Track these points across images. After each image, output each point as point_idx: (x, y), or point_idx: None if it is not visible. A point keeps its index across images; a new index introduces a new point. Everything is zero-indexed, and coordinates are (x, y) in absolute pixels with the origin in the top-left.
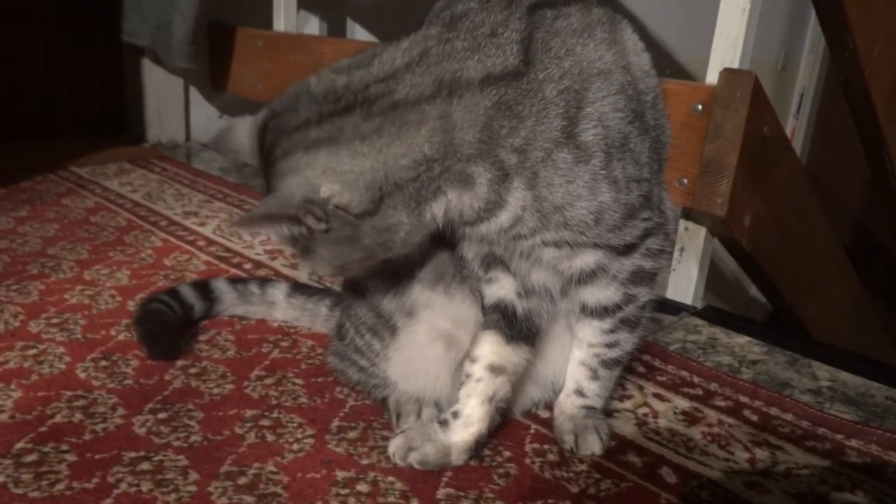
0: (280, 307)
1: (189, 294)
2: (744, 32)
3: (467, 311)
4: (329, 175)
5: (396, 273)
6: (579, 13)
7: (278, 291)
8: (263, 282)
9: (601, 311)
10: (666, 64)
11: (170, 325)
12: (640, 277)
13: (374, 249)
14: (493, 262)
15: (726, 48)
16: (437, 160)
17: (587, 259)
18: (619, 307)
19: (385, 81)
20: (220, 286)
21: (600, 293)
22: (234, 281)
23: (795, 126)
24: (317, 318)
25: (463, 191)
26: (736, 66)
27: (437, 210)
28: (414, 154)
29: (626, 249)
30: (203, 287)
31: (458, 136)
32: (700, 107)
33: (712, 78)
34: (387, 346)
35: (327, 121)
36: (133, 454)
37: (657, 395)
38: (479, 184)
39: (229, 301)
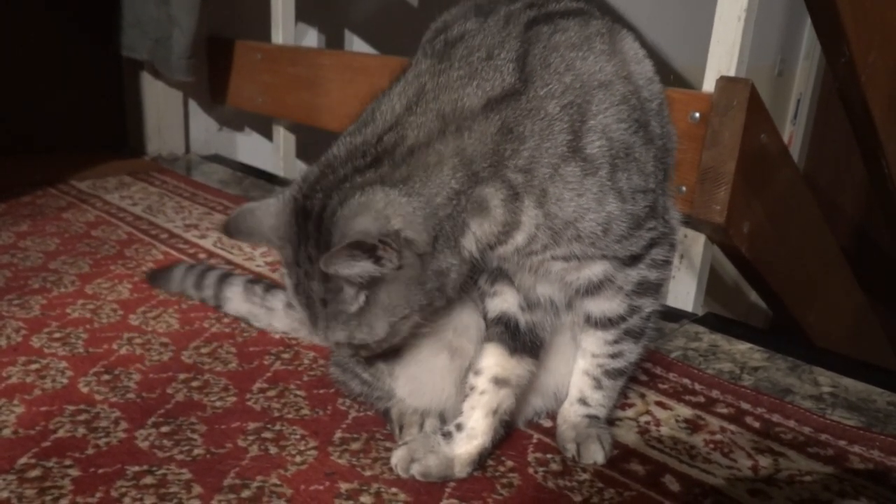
0: (278, 316)
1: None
2: (740, 40)
3: (468, 319)
4: (393, 207)
5: None
6: (577, 26)
7: (278, 301)
8: (268, 287)
9: (605, 322)
10: (662, 71)
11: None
12: (645, 288)
13: (434, 295)
14: (498, 275)
15: (722, 56)
16: (463, 192)
17: (594, 270)
18: (623, 318)
19: (394, 129)
20: (235, 280)
21: (605, 304)
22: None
23: (793, 131)
24: None
25: (482, 219)
26: (732, 73)
27: (468, 244)
28: (446, 191)
29: (632, 260)
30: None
31: (476, 167)
32: (697, 115)
33: (709, 86)
34: (391, 364)
35: (366, 171)
36: (136, 468)
37: (659, 403)
38: (494, 206)
39: (236, 291)
